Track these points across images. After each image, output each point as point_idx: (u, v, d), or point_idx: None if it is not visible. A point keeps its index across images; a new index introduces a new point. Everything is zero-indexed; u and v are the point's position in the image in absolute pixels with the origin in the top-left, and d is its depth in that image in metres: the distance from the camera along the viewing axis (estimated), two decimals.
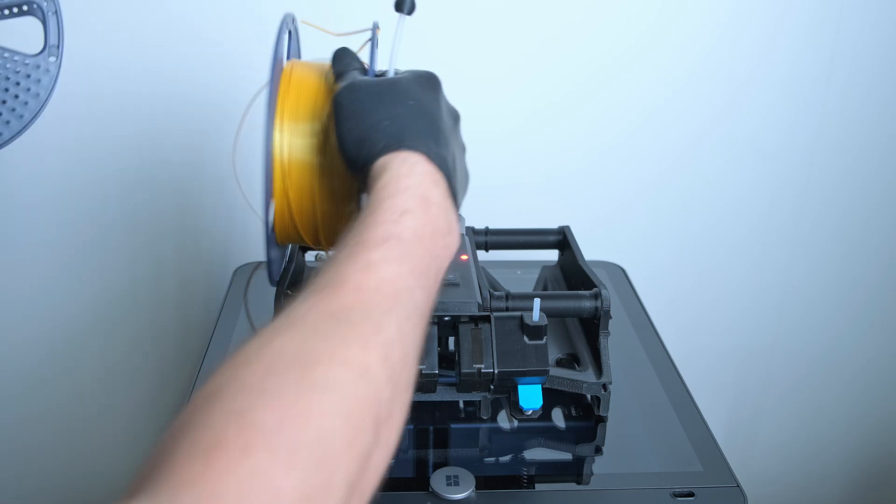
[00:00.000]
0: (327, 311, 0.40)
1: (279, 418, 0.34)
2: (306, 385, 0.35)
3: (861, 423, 1.31)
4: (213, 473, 0.31)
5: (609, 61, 1.07)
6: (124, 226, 1.09)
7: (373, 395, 0.38)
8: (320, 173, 0.58)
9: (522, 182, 1.11)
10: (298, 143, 0.59)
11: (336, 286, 0.41)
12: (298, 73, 0.61)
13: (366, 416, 0.37)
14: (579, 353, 0.75)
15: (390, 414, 0.39)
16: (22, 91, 0.62)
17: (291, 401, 0.35)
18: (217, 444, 0.32)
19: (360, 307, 0.40)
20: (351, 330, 0.39)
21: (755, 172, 1.14)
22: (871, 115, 1.12)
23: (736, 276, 1.20)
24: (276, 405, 0.34)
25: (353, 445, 0.36)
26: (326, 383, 0.36)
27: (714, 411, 0.91)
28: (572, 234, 0.86)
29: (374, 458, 0.38)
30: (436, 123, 0.55)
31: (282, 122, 0.59)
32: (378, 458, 0.38)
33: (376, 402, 0.38)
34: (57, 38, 0.63)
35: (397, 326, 0.41)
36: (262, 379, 0.35)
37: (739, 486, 0.63)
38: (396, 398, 0.40)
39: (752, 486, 0.69)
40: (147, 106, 1.03)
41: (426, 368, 0.61)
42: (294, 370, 0.36)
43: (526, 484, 0.66)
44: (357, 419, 0.36)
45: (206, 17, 1.00)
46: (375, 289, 0.42)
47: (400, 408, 0.40)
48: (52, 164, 1.04)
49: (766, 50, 1.08)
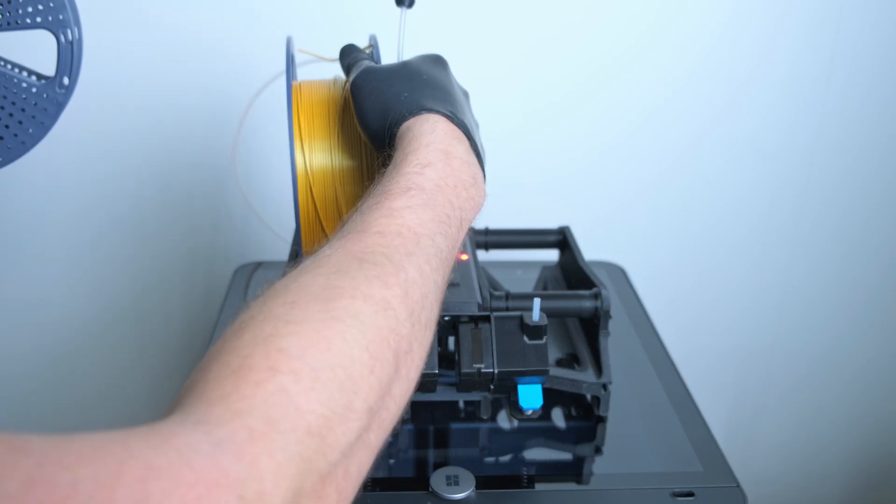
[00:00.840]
0: (351, 253, 0.42)
1: (303, 344, 0.36)
2: (330, 316, 0.38)
3: (861, 423, 1.31)
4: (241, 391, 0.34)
5: (609, 61, 1.07)
6: (124, 226, 1.09)
7: (392, 328, 0.40)
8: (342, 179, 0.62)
9: (522, 182, 1.11)
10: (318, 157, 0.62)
11: (360, 231, 0.44)
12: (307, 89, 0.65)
13: (385, 346, 0.39)
14: (579, 353, 0.75)
15: (410, 348, 0.41)
16: (27, 118, 0.62)
17: (315, 328, 0.37)
18: (245, 366, 0.35)
19: (381, 250, 0.43)
20: (373, 269, 0.41)
21: (755, 172, 1.14)
22: (871, 115, 1.12)
23: (736, 276, 1.20)
24: (301, 332, 0.37)
25: (373, 373, 0.38)
26: (348, 314, 0.38)
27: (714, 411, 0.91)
28: (572, 235, 0.86)
29: (394, 391, 0.40)
30: (450, 93, 0.57)
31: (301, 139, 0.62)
32: (398, 391, 0.40)
33: (396, 335, 0.40)
34: (69, 69, 0.62)
35: (418, 268, 0.43)
36: (289, 310, 0.38)
37: (739, 486, 0.63)
38: (416, 335, 0.42)
39: (752, 486, 0.69)
40: (147, 107, 1.03)
41: (426, 368, 0.61)
42: (319, 303, 0.38)
43: (526, 484, 0.66)
44: (377, 348, 0.39)
45: (207, 21, 1.00)
46: (397, 233, 0.44)
47: (420, 345, 0.43)
48: (52, 165, 1.04)
49: (766, 50, 1.08)
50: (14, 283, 1.10)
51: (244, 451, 0.31)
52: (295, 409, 0.34)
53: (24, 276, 1.09)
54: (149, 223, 1.09)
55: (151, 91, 1.02)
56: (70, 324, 1.12)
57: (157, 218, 1.09)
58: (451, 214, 0.49)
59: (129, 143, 1.05)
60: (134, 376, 1.16)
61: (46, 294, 1.11)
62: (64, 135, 1.01)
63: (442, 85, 0.58)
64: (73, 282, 1.10)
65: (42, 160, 1.04)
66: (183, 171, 1.07)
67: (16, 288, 1.10)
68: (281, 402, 0.34)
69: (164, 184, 1.07)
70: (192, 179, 1.07)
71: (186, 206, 1.09)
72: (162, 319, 1.14)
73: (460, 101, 0.58)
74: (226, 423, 0.32)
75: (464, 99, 0.60)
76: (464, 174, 0.52)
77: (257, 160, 1.05)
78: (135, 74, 1.02)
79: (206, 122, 1.04)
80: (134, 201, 1.07)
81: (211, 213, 1.10)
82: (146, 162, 1.06)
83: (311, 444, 0.34)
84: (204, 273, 1.13)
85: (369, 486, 0.63)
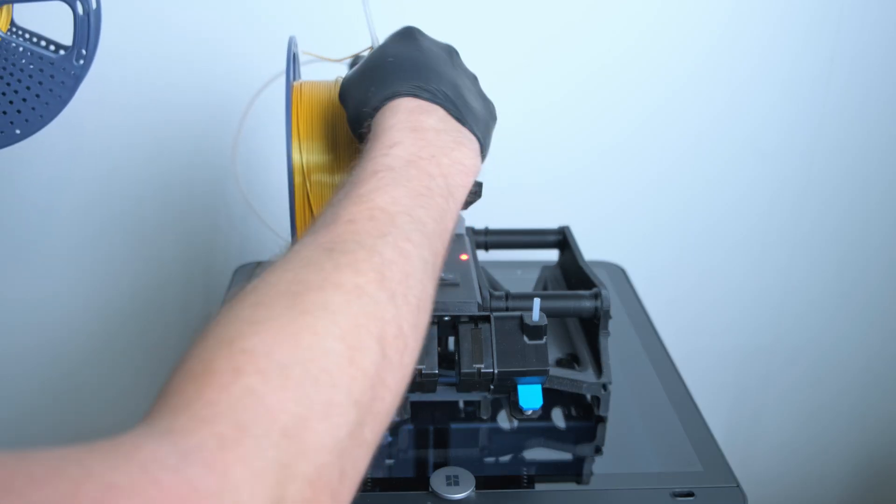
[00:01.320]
0: (321, 246, 0.40)
1: (269, 342, 0.34)
2: (296, 311, 0.36)
3: (861, 423, 1.31)
4: (205, 397, 0.31)
5: (609, 61, 1.07)
6: (124, 225, 1.09)
7: (371, 313, 0.38)
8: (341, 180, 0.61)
9: (522, 182, 1.11)
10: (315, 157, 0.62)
11: (329, 223, 0.42)
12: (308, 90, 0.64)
13: (365, 334, 0.37)
14: (579, 353, 0.75)
15: (399, 332, 0.39)
16: (45, 91, 0.60)
17: (281, 325, 0.35)
18: (208, 370, 0.33)
19: (352, 238, 0.41)
20: (343, 257, 0.39)
21: (755, 172, 1.14)
22: (871, 115, 1.12)
23: (736, 276, 1.20)
24: (266, 330, 0.34)
25: (353, 363, 0.35)
26: (317, 307, 0.36)
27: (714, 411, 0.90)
28: (572, 234, 0.86)
29: (386, 379, 0.37)
30: (419, 65, 0.55)
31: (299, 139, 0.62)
32: (391, 378, 0.38)
33: (378, 320, 0.38)
34: (86, 41, 0.61)
35: (395, 248, 0.41)
36: (253, 310, 0.36)
37: (739, 486, 0.63)
38: (405, 316, 0.39)
39: (752, 486, 0.69)
40: (147, 106, 1.03)
41: (426, 368, 0.61)
42: (285, 299, 0.36)
43: (526, 484, 0.66)
44: (354, 337, 0.36)
45: (207, 21, 1.00)
46: (368, 217, 0.42)
47: (412, 326, 0.40)
48: (51, 164, 1.04)
49: (766, 50, 1.08)
50: (13, 282, 1.10)
51: (215, 461, 0.29)
52: (266, 411, 0.31)
53: (24, 275, 1.09)
54: (148, 223, 1.09)
55: (151, 91, 1.02)
56: (69, 323, 1.12)
57: (157, 217, 1.09)
58: (431, 185, 0.47)
59: (129, 142, 1.05)
60: (133, 375, 1.16)
61: (46, 293, 1.11)
62: (63, 134, 1.02)
63: (409, 59, 0.55)
64: (72, 281, 1.10)
65: (41, 159, 1.04)
66: (183, 170, 1.07)
67: (15, 287, 1.10)
68: (250, 404, 0.31)
69: (163, 183, 1.07)
70: (191, 179, 1.07)
71: (186, 205, 1.09)
72: (161, 319, 1.14)
73: (435, 67, 0.55)
74: (193, 432, 0.30)
75: (445, 59, 0.58)
76: (441, 141, 0.49)
77: (257, 160, 1.04)
78: (135, 74, 1.02)
79: (206, 122, 1.04)
80: (133, 201, 1.07)
81: (210, 213, 1.10)
82: (146, 161, 1.06)
83: (288, 448, 0.31)
84: (203, 273, 1.13)
85: (369, 486, 0.63)
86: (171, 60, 1.01)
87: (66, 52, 0.61)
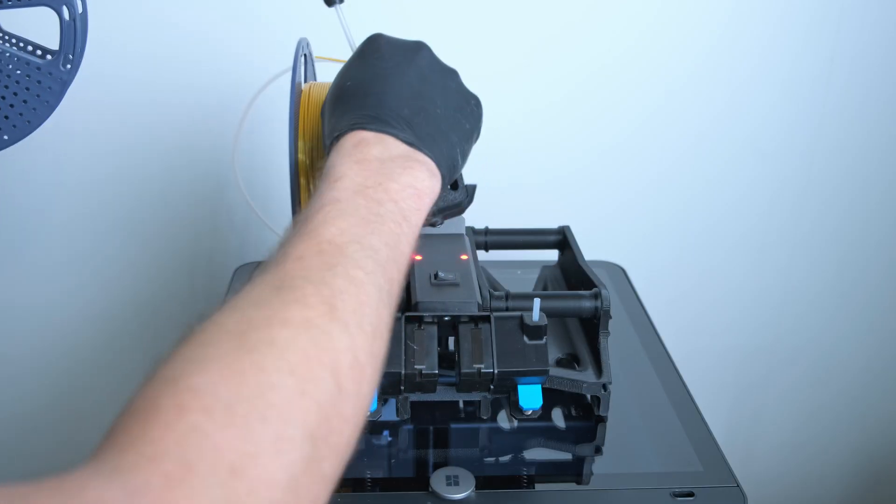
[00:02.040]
0: (269, 285, 0.40)
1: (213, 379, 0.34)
2: (243, 350, 0.36)
3: (861, 423, 1.31)
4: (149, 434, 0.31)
5: (609, 61, 1.07)
6: (123, 225, 1.09)
7: (322, 345, 0.37)
8: None
9: (522, 182, 1.11)
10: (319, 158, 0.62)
11: (279, 262, 0.42)
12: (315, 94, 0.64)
13: (317, 366, 0.36)
14: (579, 353, 0.75)
15: (355, 361, 0.38)
16: (32, 97, 0.61)
17: (226, 363, 0.35)
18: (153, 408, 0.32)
19: (300, 273, 0.40)
20: (290, 293, 0.39)
21: (755, 172, 1.14)
22: (871, 115, 1.12)
23: (736, 276, 1.20)
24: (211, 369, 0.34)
25: (304, 395, 0.35)
26: (263, 343, 0.36)
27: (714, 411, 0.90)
28: (572, 234, 0.86)
29: (344, 410, 0.37)
30: (372, 90, 0.55)
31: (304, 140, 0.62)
32: (347, 408, 0.37)
33: (330, 351, 0.37)
34: (73, 46, 0.61)
35: (346, 277, 0.41)
36: (199, 349, 0.36)
37: (739, 486, 0.63)
38: (360, 345, 0.39)
39: (752, 486, 0.69)
40: (146, 106, 1.03)
41: (426, 368, 0.61)
42: (231, 338, 0.36)
43: (526, 484, 0.66)
44: (304, 370, 0.36)
45: (208, 21, 1.00)
46: (316, 252, 0.42)
47: (368, 354, 0.40)
48: (51, 165, 1.04)
49: (766, 50, 1.08)
50: (13, 283, 1.10)
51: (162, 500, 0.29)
52: (212, 449, 0.31)
53: (23, 276, 1.09)
54: (148, 222, 1.09)
55: (151, 90, 1.02)
56: (69, 323, 1.12)
57: (157, 217, 1.09)
58: (380, 212, 0.46)
59: (129, 142, 1.05)
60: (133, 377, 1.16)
61: (45, 294, 1.10)
62: (62, 134, 1.02)
63: (365, 83, 0.55)
64: (71, 281, 1.10)
65: (41, 159, 1.04)
66: (183, 170, 1.07)
67: (15, 288, 1.10)
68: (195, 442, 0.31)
69: (163, 183, 1.07)
70: (192, 179, 1.07)
71: (186, 205, 1.09)
72: (161, 319, 1.14)
73: (392, 85, 0.55)
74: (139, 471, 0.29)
75: (405, 69, 0.56)
76: (387, 169, 0.49)
77: (257, 160, 1.04)
78: (134, 73, 1.02)
79: (207, 122, 1.04)
80: (133, 201, 1.07)
81: (211, 213, 1.10)
82: (146, 162, 1.06)
83: (236, 486, 0.31)
84: (204, 273, 1.13)
85: (369, 486, 0.63)
86: (171, 60, 1.01)
87: (52, 58, 0.61)
